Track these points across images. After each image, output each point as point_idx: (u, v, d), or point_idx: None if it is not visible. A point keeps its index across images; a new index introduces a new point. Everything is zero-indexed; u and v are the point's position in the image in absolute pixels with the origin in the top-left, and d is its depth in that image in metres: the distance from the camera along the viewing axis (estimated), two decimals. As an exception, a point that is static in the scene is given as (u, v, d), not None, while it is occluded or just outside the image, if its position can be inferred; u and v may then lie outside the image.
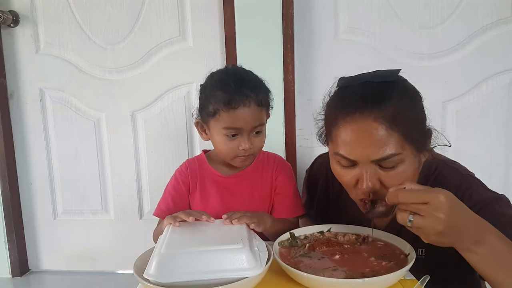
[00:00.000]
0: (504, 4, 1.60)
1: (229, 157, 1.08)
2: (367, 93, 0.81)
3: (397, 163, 0.80)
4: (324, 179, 1.15)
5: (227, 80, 1.03)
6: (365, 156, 0.80)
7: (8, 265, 1.91)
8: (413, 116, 0.82)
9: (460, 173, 0.92)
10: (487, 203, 0.85)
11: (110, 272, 1.94)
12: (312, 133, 1.76)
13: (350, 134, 0.80)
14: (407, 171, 0.81)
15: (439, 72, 1.65)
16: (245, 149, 1.04)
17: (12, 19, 1.76)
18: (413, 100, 0.84)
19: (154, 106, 1.81)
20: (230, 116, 1.01)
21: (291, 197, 1.16)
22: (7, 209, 1.86)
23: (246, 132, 1.03)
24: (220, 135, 1.05)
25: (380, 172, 0.81)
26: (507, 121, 1.67)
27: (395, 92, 0.81)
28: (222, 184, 1.15)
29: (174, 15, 1.73)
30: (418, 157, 0.84)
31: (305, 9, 1.68)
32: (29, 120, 1.87)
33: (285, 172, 1.18)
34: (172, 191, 1.17)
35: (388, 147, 0.78)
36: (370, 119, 0.78)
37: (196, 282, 0.72)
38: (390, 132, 0.78)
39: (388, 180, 0.81)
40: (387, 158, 0.79)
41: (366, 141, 0.79)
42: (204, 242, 0.80)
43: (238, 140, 1.04)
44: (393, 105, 0.79)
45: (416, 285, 0.72)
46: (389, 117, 0.78)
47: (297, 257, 0.84)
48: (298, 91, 1.69)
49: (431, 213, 0.67)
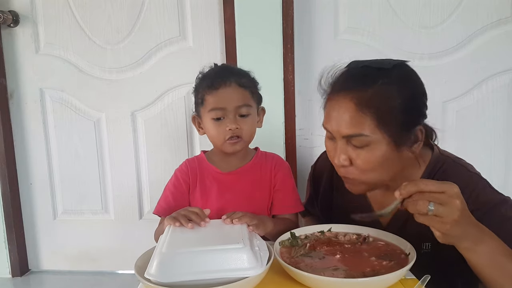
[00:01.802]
0: (504, 4, 1.60)
1: (220, 142, 1.10)
2: (357, 75, 0.87)
3: (365, 144, 0.84)
4: (329, 173, 1.16)
5: (211, 69, 1.16)
6: (337, 131, 0.86)
7: (8, 265, 1.91)
8: (393, 105, 0.83)
9: (467, 171, 0.93)
10: (494, 205, 0.86)
11: (110, 272, 1.95)
12: (312, 133, 1.77)
13: (332, 109, 0.88)
14: (375, 156, 0.84)
15: (439, 72, 1.65)
16: (231, 129, 1.07)
17: (12, 19, 1.76)
18: (401, 92, 0.84)
19: (154, 106, 1.81)
20: (213, 97, 1.08)
21: (290, 194, 1.18)
22: (7, 209, 1.86)
23: (231, 112, 1.07)
24: (209, 120, 1.10)
25: (350, 150, 0.86)
26: (507, 121, 1.67)
27: (383, 79, 0.83)
28: (221, 180, 1.16)
29: (174, 15, 1.73)
30: (394, 148, 0.85)
31: (305, 9, 1.68)
32: (29, 120, 1.87)
33: (283, 169, 1.20)
34: (173, 189, 1.18)
35: (357, 126, 0.83)
36: (348, 99, 0.84)
37: (197, 281, 0.72)
38: (361, 114, 0.82)
39: (356, 159, 0.86)
40: (353, 136, 0.84)
41: (340, 117, 0.85)
42: (205, 241, 0.80)
43: (225, 122, 1.08)
44: (374, 89, 0.82)
45: (417, 285, 0.72)
46: (365, 100, 0.82)
47: (298, 257, 0.84)
48: (298, 91, 1.69)
49: (450, 200, 0.70)
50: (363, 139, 0.83)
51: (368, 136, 0.83)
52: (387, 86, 0.83)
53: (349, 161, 0.87)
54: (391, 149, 0.84)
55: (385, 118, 0.82)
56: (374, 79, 0.83)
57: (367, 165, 0.85)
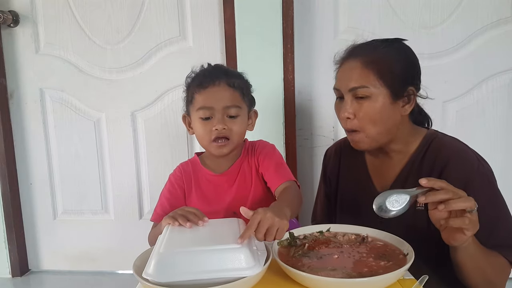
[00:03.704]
0: (504, 4, 1.60)
1: (206, 142, 1.09)
2: (364, 45, 1.04)
3: (368, 95, 0.97)
4: (338, 148, 1.25)
5: (202, 68, 1.15)
6: (345, 85, 0.99)
7: (8, 265, 1.91)
8: (393, 66, 0.98)
9: (459, 141, 1.05)
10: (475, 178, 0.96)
11: (110, 272, 1.95)
12: (312, 133, 1.77)
13: (342, 71, 1.03)
14: (375, 108, 0.97)
15: (439, 72, 1.64)
16: (218, 129, 1.05)
17: (12, 19, 1.76)
18: (400, 57, 1.00)
19: (154, 106, 1.81)
20: (201, 96, 1.08)
21: (276, 165, 1.13)
22: (7, 209, 1.86)
23: (219, 112, 1.06)
24: (197, 119, 1.09)
25: (355, 103, 0.99)
26: (507, 121, 1.67)
27: (385, 47, 1.00)
28: (217, 182, 1.16)
29: (174, 15, 1.73)
30: (391, 102, 0.98)
31: (305, 9, 1.68)
32: (29, 120, 1.87)
33: (264, 149, 1.17)
34: (168, 195, 1.17)
35: (362, 79, 0.97)
36: (355, 61, 1.00)
37: (195, 281, 0.72)
38: (366, 70, 0.97)
39: (359, 111, 0.98)
40: (359, 87, 0.97)
41: (348, 75, 1.00)
42: (202, 241, 0.80)
43: (212, 121, 1.07)
44: (377, 53, 0.99)
45: (415, 285, 0.72)
46: (369, 60, 0.98)
47: (296, 257, 0.84)
48: (298, 91, 1.69)
49: (469, 199, 0.77)
50: (366, 90, 0.96)
51: (370, 88, 0.96)
52: (388, 50, 1.00)
53: (353, 114, 0.99)
54: (389, 102, 0.97)
55: (385, 73, 0.97)
56: (377, 46, 1.01)
57: (368, 116, 0.97)
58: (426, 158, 1.01)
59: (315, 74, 1.71)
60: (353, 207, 1.15)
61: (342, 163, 1.22)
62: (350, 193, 1.17)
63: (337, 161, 1.23)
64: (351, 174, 1.18)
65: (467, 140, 1.05)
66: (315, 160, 1.78)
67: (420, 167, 1.01)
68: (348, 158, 1.20)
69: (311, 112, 1.75)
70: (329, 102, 1.64)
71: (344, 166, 1.21)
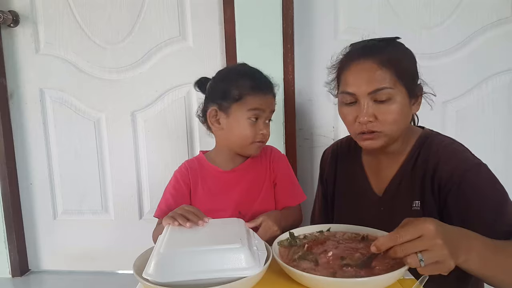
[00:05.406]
0: (504, 4, 1.60)
1: (247, 142, 1.12)
2: (370, 45, 1.01)
3: (389, 97, 0.95)
4: (334, 150, 1.26)
5: (249, 70, 1.18)
6: (363, 90, 0.96)
7: (8, 265, 1.91)
8: (404, 63, 0.98)
9: (450, 138, 1.05)
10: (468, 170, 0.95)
11: (110, 272, 1.94)
12: (312, 133, 1.77)
13: (355, 73, 0.98)
14: (396, 108, 0.95)
15: (439, 72, 1.64)
16: (264, 134, 1.12)
17: (12, 19, 1.76)
18: (405, 54, 1.01)
19: (154, 106, 1.81)
20: (256, 98, 1.10)
21: (291, 184, 1.21)
22: (7, 209, 1.86)
23: (264, 117, 1.13)
24: (244, 118, 1.11)
25: (375, 107, 0.96)
26: (507, 121, 1.67)
27: (391, 46, 1.00)
28: (224, 179, 1.17)
29: (174, 15, 1.73)
30: (408, 101, 0.98)
31: (305, 9, 1.68)
32: (29, 120, 1.87)
33: (282, 161, 1.23)
34: (173, 191, 1.17)
35: (381, 81, 0.94)
36: (370, 61, 0.96)
37: (195, 281, 0.72)
38: (384, 70, 0.95)
39: (381, 114, 0.96)
40: (379, 90, 0.94)
41: (365, 77, 0.96)
42: (203, 241, 0.80)
43: (258, 124, 1.12)
44: (388, 52, 0.98)
45: (415, 285, 0.72)
46: (384, 60, 0.96)
47: (296, 257, 0.84)
48: (298, 91, 1.69)
49: (431, 243, 0.70)
50: (387, 92, 0.94)
51: (391, 89, 0.94)
52: (397, 48, 1.00)
53: (374, 116, 0.96)
54: (407, 102, 0.97)
55: (401, 72, 0.96)
56: (385, 46, 0.99)
57: (392, 117, 0.95)
58: (420, 158, 1.02)
59: (315, 74, 1.71)
60: (350, 208, 1.15)
61: (339, 164, 1.22)
62: (347, 194, 1.17)
63: (334, 163, 1.23)
64: (348, 175, 1.18)
65: (467, 140, 1.06)
66: (315, 160, 1.78)
67: (415, 168, 1.02)
68: (345, 159, 1.21)
69: (311, 112, 1.75)
70: (329, 102, 1.65)
71: (341, 167, 1.22)
